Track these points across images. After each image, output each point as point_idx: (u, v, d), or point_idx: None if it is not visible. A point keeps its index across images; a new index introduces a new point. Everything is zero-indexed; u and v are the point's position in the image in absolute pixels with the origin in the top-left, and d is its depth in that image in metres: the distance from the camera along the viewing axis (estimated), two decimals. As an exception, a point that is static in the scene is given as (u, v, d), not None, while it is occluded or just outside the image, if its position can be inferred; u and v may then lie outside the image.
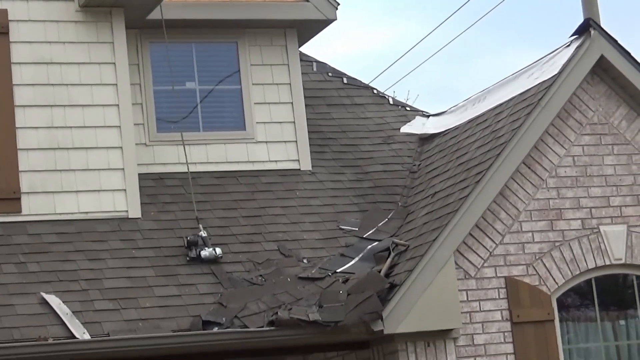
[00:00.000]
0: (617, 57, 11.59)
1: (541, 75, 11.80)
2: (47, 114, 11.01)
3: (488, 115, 12.39)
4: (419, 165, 13.06)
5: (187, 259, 10.34)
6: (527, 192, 10.96)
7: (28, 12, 11.21)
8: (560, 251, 11.03)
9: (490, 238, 10.82)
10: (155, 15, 11.75)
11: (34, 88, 11.15)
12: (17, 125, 11.01)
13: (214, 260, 10.52)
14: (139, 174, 11.18)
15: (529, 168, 11.03)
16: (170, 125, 12.38)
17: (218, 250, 10.46)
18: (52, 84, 11.20)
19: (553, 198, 11.29)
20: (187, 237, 10.36)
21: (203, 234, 10.41)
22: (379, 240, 11.20)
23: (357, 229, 11.61)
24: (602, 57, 11.37)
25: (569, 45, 11.66)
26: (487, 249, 10.83)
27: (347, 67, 14.84)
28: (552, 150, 11.34)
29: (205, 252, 10.30)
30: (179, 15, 12.04)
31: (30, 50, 11.13)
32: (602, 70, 11.66)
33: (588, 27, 11.53)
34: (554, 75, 11.36)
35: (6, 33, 11.07)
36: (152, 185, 11.44)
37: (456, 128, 13.14)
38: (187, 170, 11.22)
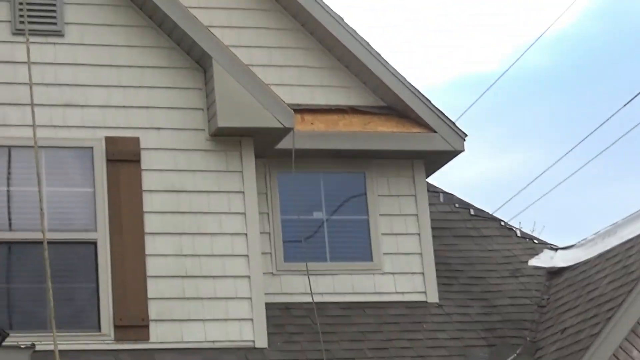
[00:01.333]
0: None
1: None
2: (176, 242, 11.18)
3: (618, 250, 12.29)
4: (548, 299, 12.95)
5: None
6: None
7: (159, 140, 11.52)
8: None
9: (629, 374, 10.87)
10: (284, 144, 11.93)
11: (163, 215, 11.32)
12: (146, 253, 11.15)
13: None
14: (266, 304, 11.23)
15: None
16: (297, 255, 12.48)
17: None
18: (182, 212, 11.40)
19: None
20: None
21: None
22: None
23: (485, 363, 11.57)
24: None
25: None
26: (620, 388, 10.71)
27: (471, 193, 14.93)
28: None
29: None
30: (307, 145, 12.16)
31: (160, 178, 11.39)
32: None
33: None
34: None
35: (138, 161, 11.35)
36: (279, 315, 11.50)
37: (586, 262, 13.05)
38: (313, 301, 11.36)
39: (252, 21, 13.12)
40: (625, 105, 20.10)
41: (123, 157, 11.17)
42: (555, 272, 13.38)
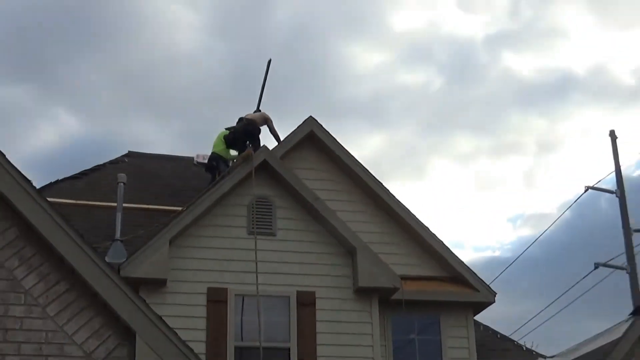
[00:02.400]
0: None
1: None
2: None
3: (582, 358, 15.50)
4: None
5: None
6: None
7: (326, 292, 15.29)
8: None
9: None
10: (395, 296, 15.70)
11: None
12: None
13: None
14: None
15: None
16: None
17: None
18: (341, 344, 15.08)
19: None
20: None
21: None
22: None
23: None
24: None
25: (626, 321, 14.82)
26: None
27: (494, 324, 18.74)
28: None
29: None
30: (407, 297, 15.70)
31: (324, 315, 15.20)
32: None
33: (637, 312, 14.89)
34: (615, 339, 14.51)
35: (314, 304, 15.14)
36: None
37: None
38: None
39: (363, 218, 17.11)
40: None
41: (305, 302, 15.19)
42: None
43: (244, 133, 17.68)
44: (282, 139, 17.64)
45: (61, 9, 63.38)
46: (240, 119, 18.10)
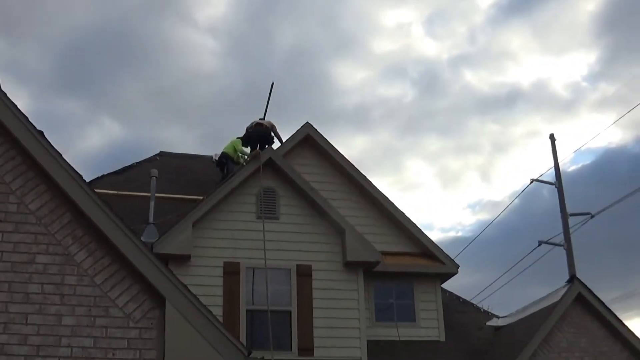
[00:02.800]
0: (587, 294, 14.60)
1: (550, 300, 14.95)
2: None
3: (528, 319, 15.38)
4: (494, 340, 15.75)
5: None
6: (545, 354, 14.07)
7: (320, 265, 14.90)
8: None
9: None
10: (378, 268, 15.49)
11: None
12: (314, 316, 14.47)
13: None
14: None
15: (546, 342, 14.34)
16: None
17: None
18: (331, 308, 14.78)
19: (555, 355, 14.25)
20: None
21: None
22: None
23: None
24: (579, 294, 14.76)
25: (563, 288, 14.99)
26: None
27: (458, 291, 18.49)
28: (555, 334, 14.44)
29: None
30: (386, 269, 15.90)
31: (320, 284, 14.86)
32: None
33: (572, 280, 15.01)
34: (554, 302, 14.81)
35: (310, 275, 14.88)
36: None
37: (512, 324, 16.18)
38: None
39: (350, 205, 17.01)
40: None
41: (304, 273, 14.98)
42: (498, 328, 16.68)
43: (256, 134, 17.83)
44: (284, 140, 17.59)
45: (108, 33, 63.38)
46: (251, 124, 18.33)
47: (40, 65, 64.50)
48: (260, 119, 18.61)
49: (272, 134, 18.08)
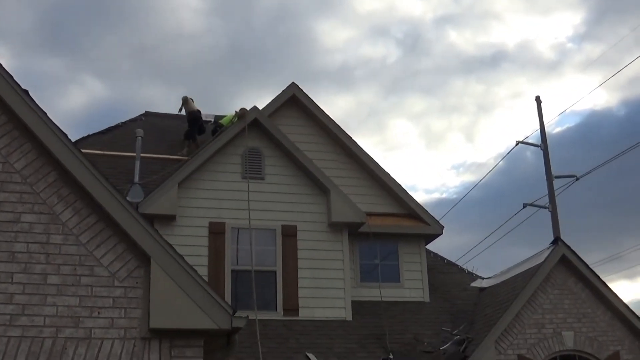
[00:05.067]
0: (571, 255, 14.64)
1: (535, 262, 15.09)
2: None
3: (511, 281, 15.40)
4: (479, 301, 15.78)
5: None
6: (529, 315, 14.15)
7: (305, 226, 15.01)
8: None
9: (511, 335, 13.93)
10: (363, 229, 15.64)
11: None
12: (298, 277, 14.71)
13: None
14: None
15: (529, 303, 14.23)
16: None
17: None
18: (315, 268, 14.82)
19: (539, 316, 14.28)
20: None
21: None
22: (459, 335, 14.10)
23: (449, 329, 14.55)
24: (563, 256, 14.65)
25: (547, 249, 14.90)
26: (510, 341, 13.85)
27: (443, 252, 18.38)
28: (538, 295, 14.39)
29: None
30: (372, 230, 15.78)
31: (303, 244, 14.95)
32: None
33: (557, 241, 14.93)
34: (538, 264, 14.73)
35: (295, 236, 14.96)
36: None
37: (496, 285, 16.08)
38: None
39: (335, 165, 16.96)
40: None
41: (289, 234, 15.10)
42: (482, 289, 16.76)
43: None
44: (269, 101, 17.28)
45: (86, -8, 62.47)
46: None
47: (19, 23, 63.81)
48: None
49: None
